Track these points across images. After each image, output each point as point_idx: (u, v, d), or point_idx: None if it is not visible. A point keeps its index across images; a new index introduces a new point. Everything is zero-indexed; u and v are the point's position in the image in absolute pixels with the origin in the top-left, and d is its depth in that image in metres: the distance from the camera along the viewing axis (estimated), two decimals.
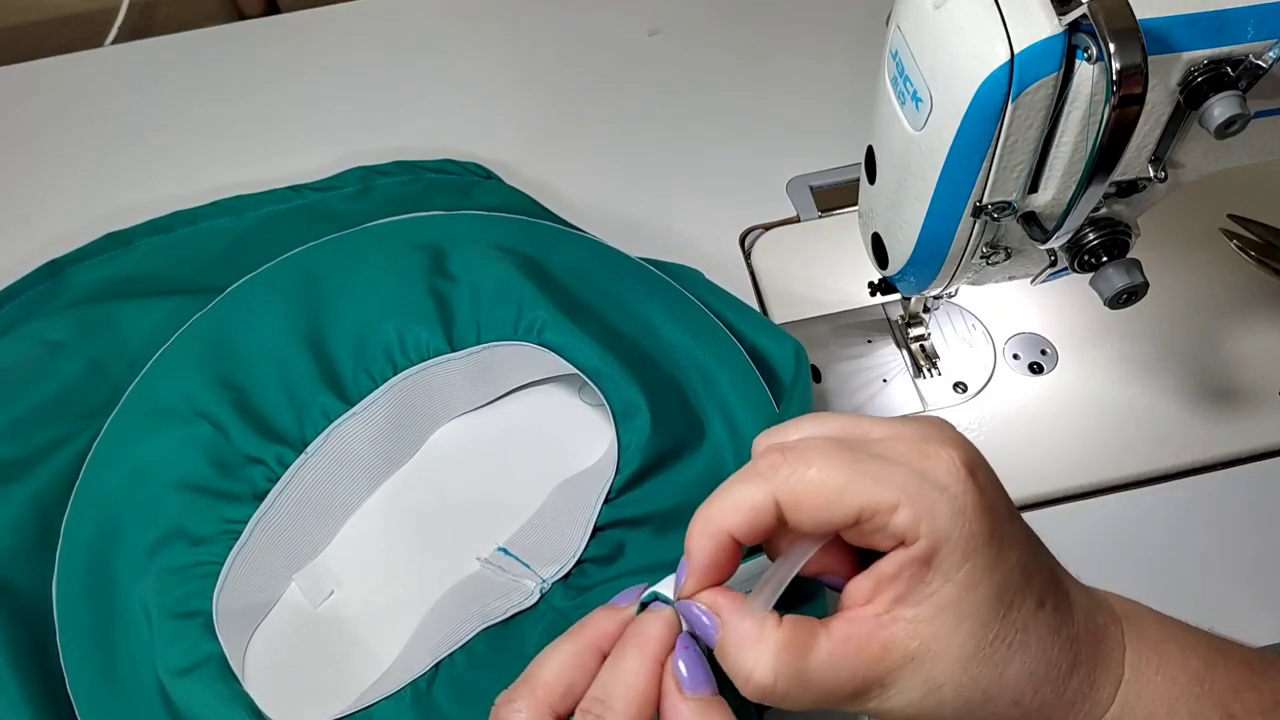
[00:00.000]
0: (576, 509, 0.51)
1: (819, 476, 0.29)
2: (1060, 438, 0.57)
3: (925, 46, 0.40)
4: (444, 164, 0.68)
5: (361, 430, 0.54)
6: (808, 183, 0.68)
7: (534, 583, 0.49)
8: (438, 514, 0.55)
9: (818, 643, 0.30)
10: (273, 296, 0.57)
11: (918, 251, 0.47)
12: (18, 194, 0.72)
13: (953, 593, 0.29)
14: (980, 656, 0.30)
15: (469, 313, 0.56)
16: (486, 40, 0.79)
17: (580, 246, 0.60)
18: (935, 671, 0.30)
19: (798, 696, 0.30)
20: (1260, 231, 0.64)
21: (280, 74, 0.77)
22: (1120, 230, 0.45)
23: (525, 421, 0.58)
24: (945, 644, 0.30)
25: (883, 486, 0.29)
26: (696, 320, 0.56)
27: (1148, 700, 0.32)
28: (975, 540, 0.29)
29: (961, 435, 0.32)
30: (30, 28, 0.85)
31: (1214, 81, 0.39)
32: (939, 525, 0.29)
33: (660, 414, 0.51)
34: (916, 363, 0.60)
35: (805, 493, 0.30)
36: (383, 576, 0.53)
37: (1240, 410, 0.57)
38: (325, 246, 0.60)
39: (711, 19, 0.79)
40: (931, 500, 0.29)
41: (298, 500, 0.53)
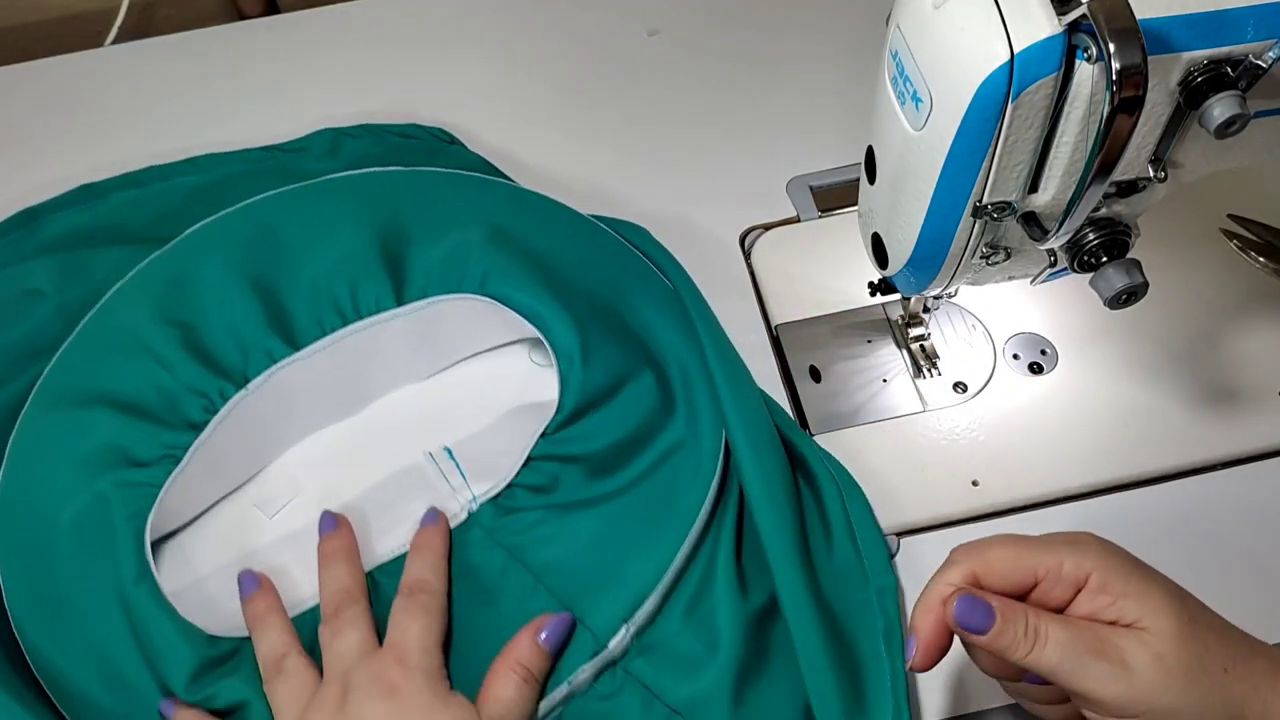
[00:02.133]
0: (517, 435, 0.54)
1: (1000, 552, 0.40)
2: (1060, 438, 0.57)
3: (925, 46, 0.40)
4: (410, 128, 0.70)
5: (303, 375, 0.55)
6: (808, 183, 0.68)
7: (466, 498, 0.53)
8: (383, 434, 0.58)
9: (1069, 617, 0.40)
10: (228, 241, 0.58)
11: (918, 251, 0.47)
12: (17, 194, 0.72)
13: (1134, 602, 0.38)
14: (1183, 634, 0.38)
15: (421, 274, 0.57)
16: (486, 40, 0.79)
17: (531, 201, 0.62)
18: (1156, 645, 0.38)
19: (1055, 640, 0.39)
20: (1260, 231, 0.64)
21: (280, 74, 0.77)
22: (1120, 230, 0.45)
23: (476, 384, 0.60)
24: (1154, 627, 0.38)
25: (1047, 553, 0.39)
26: (635, 268, 0.60)
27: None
28: (1126, 567, 0.39)
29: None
30: (30, 28, 0.85)
31: (1214, 81, 0.39)
32: (1094, 564, 0.39)
33: (598, 354, 0.54)
34: (916, 363, 0.60)
35: (994, 562, 0.40)
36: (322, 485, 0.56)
37: (1240, 410, 0.57)
38: (285, 196, 0.61)
39: (711, 19, 0.79)
40: (1080, 552, 0.39)
41: (237, 433, 0.54)
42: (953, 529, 0.55)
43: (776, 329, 0.62)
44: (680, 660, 0.48)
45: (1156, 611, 0.38)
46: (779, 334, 0.62)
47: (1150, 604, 0.38)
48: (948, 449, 0.57)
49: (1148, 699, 0.37)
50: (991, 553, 0.40)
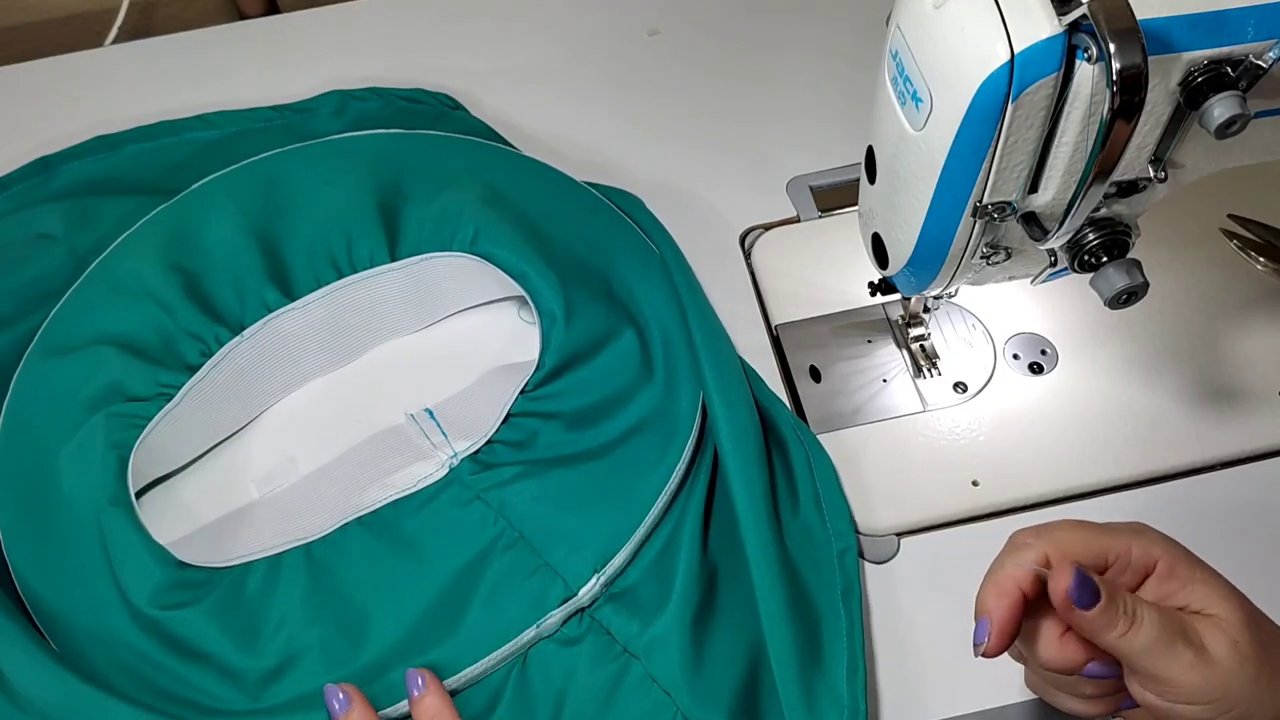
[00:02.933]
0: (499, 393, 0.56)
1: (1071, 535, 0.40)
2: (1060, 438, 0.57)
3: (925, 46, 0.40)
4: (416, 93, 0.72)
5: (296, 324, 0.58)
6: (808, 183, 0.68)
7: (446, 454, 0.55)
8: (371, 388, 0.60)
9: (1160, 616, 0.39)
10: (233, 195, 0.61)
11: (918, 251, 0.47)
12: None
13: (1203, 588, 0.39)
14: (1252, 620, 0.39)
15: (414, 232, 0.59)
16: (485, 41, 0.79)
17: (526, 166, 0.65)
18: (1231, 631, 0.38)
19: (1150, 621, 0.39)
20: (1260, 231, 0.64)
21: (280, 74, 0.77)
22: (1120, 230, 0.45)
23: (465, 338, 0.62)
24: (1224, 614, 0.39)
25: (1115, 538, 0.40)
26: (623, 233, 0.62)
27: None
28: (1190, 557, 0.40)
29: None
30: (30, 28, 0.85)
31: (1214, 81, 0.39)
32: (1160, 551, 0.40)
33: (580, 314, 0.56)
34: (916, 363, 0.60)
35: (1065, 545, 0.40)
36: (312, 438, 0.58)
37: (1240, 410, 0.57)
38: (290, 154, 0.63)
39: (711, 19, 0.79)
40: (1149, 540, 0.40)
41: (229, 376, 0.57)
42: (953, 529, 0.55)
43: (776, 329, 0.62)
44: (640, 607, 0.50)
45: (1224, 598, 0.39)
46: (779, 334, 0.62)
47: (1218, 591, 0.39)
48: (948, 449, 0.57)
49: (1224, 683, 0.38)
50: (1062, 534, 0.40)
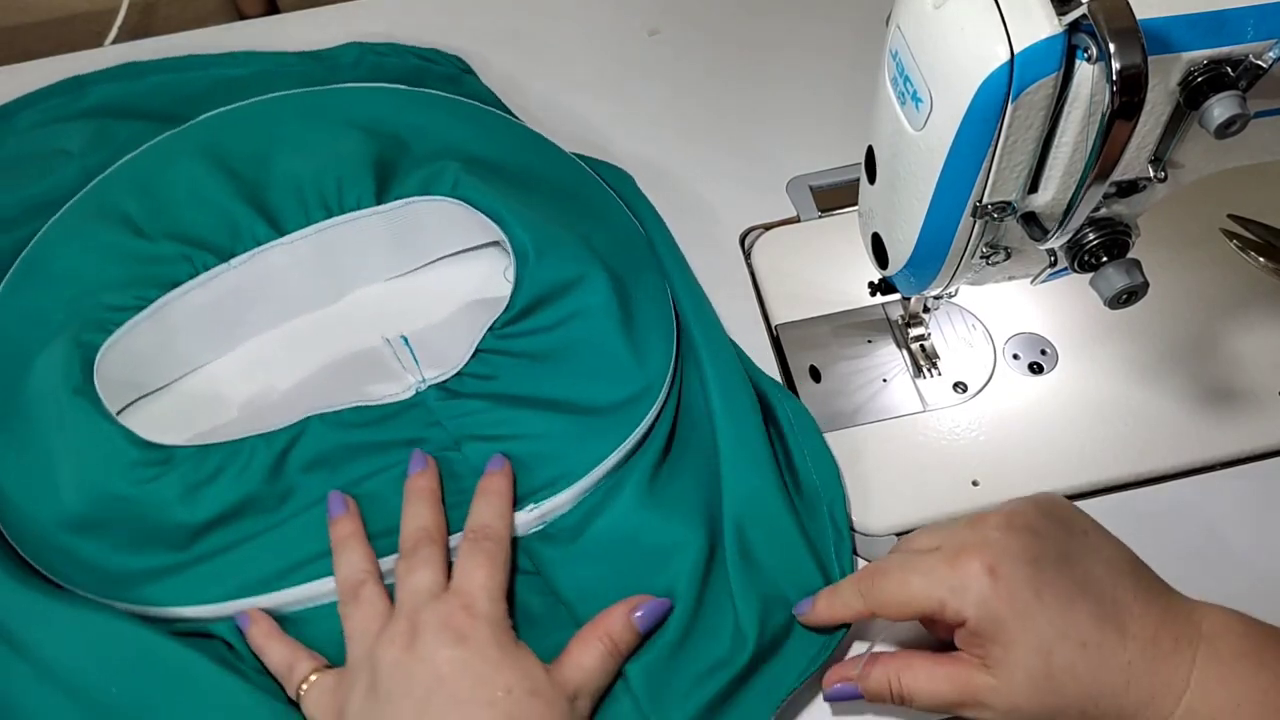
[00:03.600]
0: (474, 330, 0.56)
1: (890, 596, 0.44)
2: (1060, 438, 0.57)
3: (925, 46, 0.40)
4: (430, 52, 0.73)
5: (283, 259, 0.59)
6: (808, 183, 0.68)
7: (415, 380, 0.56)
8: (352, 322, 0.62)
9: (936, 664, 0.44)
10: (233, 132, 0.62)
11: (918, 251, 0.47)
12: None
13: (1000, 651, 0.42)
14: (1036, 689, 0.41)
15: (402, 183, 0.60)
16: (485, 41, 0.79)
17: (521, 134, 0.67)
18: (1011, 698, 0.42)
19: (919, 697, 0.44)
20: (1260, 231, 0.64)
21: None
22: (1120, 230, 0.45)
23: (446, 281, 0.64)
24: (1009, 680, 0.42)
25: (929, 599, 0.43)
26: (604, 203, 0.64)
27: (1209, 707, 0.40)
28: (999, 619, 0.41)
29: (1001, 534, 0.43)
30: (30, 28, 0.85)
31: (1214, 81, 0.39)
32: (969, 613, 0.42)
33: (551, 254, 0.57)
34: (916, 363, 0.60)
35: (885, 606, 0.45)
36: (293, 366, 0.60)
37: (1240, 410, 0.57)
38: (296, 98, 0.65)
39: (711, 18, 0.79)
40: (961, 599, 0.42)
41: (211, 300, 0.58)
42: None
43: (776, 329, 0.62)
44: (567, 552, 0.51)
45: (1015, 666, 0.41)
46: (779, 334, 0.62)
47: (1012, 659, 0.41)
48: (948, 449, 0.57)
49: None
50: (883, 595, 0.45)
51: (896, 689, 0.44)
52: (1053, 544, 0.43)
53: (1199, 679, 0.41)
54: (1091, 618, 0.41)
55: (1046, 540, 0.43)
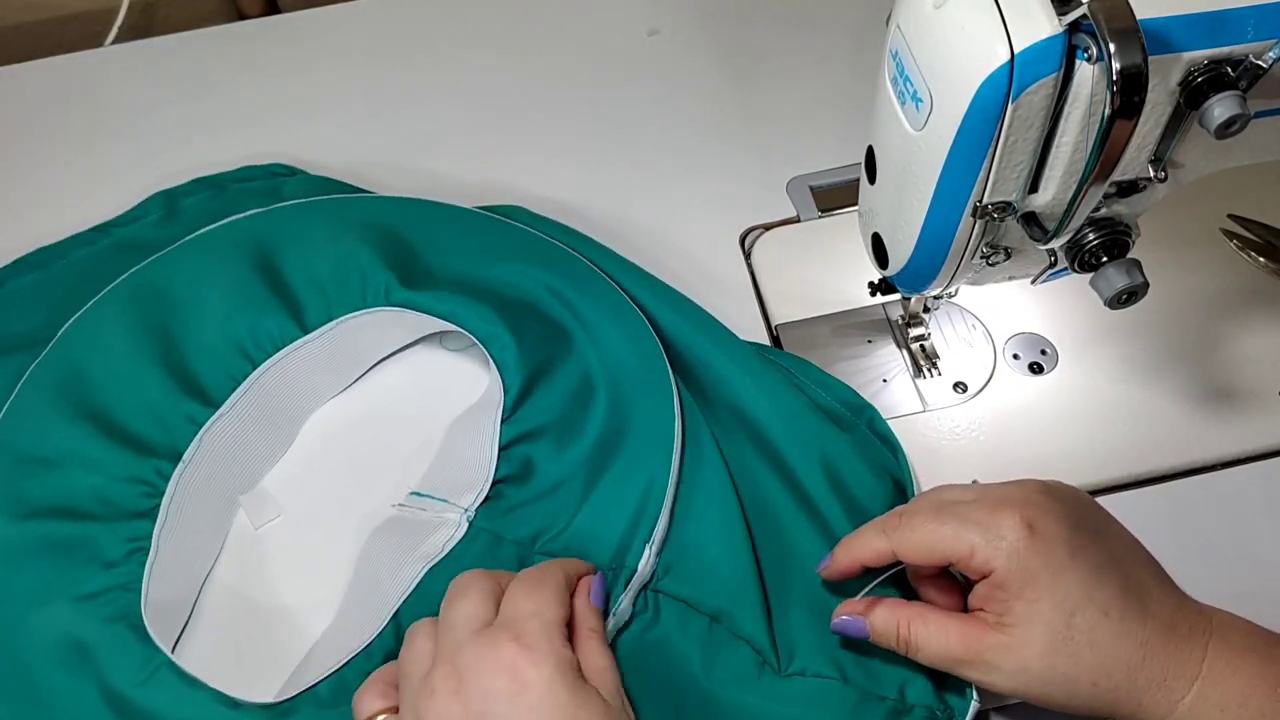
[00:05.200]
0: (477, 436, 0.54)
1: (919, 539, 0.43)
2: (1060, 438, 0.57)
3: (925, 46, 0.40)
4: (244, 171, 0.69)
5: (232, 429, 0.55)
6: (808, 183, 0.68)
7: (456, 515, 0.52)
8: (338, 483, 0.57)
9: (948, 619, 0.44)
10: (112, 323, 0.56)
11: (918, 251, 0.47)
12: (17, 194, 0.72)
13: (1023, 607, 0.41)
14: (1055, 650, 0.41)
15: (316, 296, 0.57)
16: (486, 39, 0.79)
17: (401, 206, 0.62)
18: (1023, 657, 0.41)
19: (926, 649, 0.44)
20: (1260, 231, 0.64)
21: (280, 74, 0.77)
22: (1120, 230, 0.45)
23: (396, 387, 0.60)
24: (1025, 639, 0.41)
25: (959, 542, 0.42)
26: (528, 242, 0.60)
27: (1220, 694, 0.40)
28: (1030, 572, 0.41)
29: (1039, 495, 0.43)
30: (30, 28, 0.85)
31: (1214, 81, 0.39)
32: (999, 563, 0.41)
33: (521, 330, 0.54)
34: (916, 363, 0.60)
35: (910, 547, 0.44)
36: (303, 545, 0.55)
37: (1240, 410, 0.57)
38: (153, 265, 0.59)
39: (711, 19, 0.79)
40: (994, 548, 0.41)
41: (189, 508, 0.53)
42: None
43: (776, 329, 0.62)
44: (703, 567, 0.49)
45: (1035, 623, 0.41)
46: (779, 334, 0.62)
47: (1033, 615, 0.41)
48: (948, 449, 0.57)
49: (1010, 692, 0.43)
50: (911, 538, 0.44)
51: (904, 635, 0.44)
52: (1088, 516, 0.44)
53: (1211, 666, 0.41)
54: (1118, 589, 0.42)
55: (1082, 511, 0.44)
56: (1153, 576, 0.44)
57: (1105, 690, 0.41)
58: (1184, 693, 0.41)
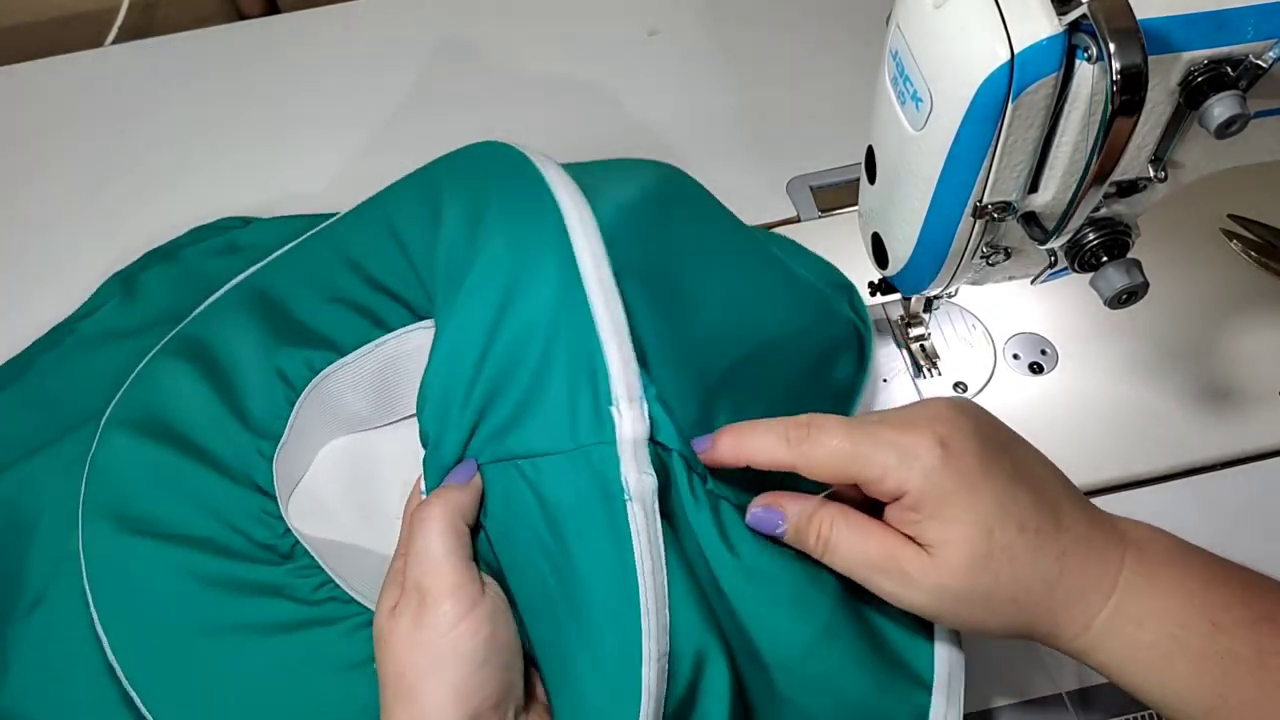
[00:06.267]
0: None
1: (827, 455, 0.40)
2: (1060, 438, 0.57)
3: (925, 46, 0.40)
4: (195, 233, 0.67)
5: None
6: (808, 183, 0.68)
7: None
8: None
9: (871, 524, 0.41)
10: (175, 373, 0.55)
11: (918, 251, 0.47)
12: (17, 194, 0.72)
13: (938, 527, 0.39)
14: (973, 567, 0.39)
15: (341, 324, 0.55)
16: (486, 39, 0.79)
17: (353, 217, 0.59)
18: (941, 575, 0.39)
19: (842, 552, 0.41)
20: (1260, 231, 0.64)
21: (280, 74, 0.77)
22: (1120, 230, 0.45)
23: None
24: (944, 559, 0.39)
25: (870, 463, 0.40)
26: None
27: (1137, 607, 0.39)
28: (945, 492, 0.39)
29: (949, 412, 0.41)
30: (30, 28, 0.85)
31: (1214, 81, 0.39)
32: (913, 485, 0.39)
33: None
34: (916, 363, 0.60)
35: (815, 464, 0.40)
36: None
37: (1240, 410, 0.57)
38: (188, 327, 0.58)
39: (711, 19, 0.79)
40: (908, 468, 0.39)
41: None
42: None
43: None
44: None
45: (953, 543, 0.39)
46: None
47: (951, 534, 0.39)
48: None
49: (925, 611, 0.40)
50: (817, 454, 0.40)
51: (823, 535, 0.41)
52: (995, 430, 0.42)
53: (1127, 580, 0.40)
54: (1032, 503, 0.40)
55: (990, 425, 0.42)
56: (1063, 489, 0.42)
57: (1024, 606, 0.39)
58: (1100, 607, 0.39)
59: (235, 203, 0.70)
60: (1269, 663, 0.38)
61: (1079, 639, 0.40)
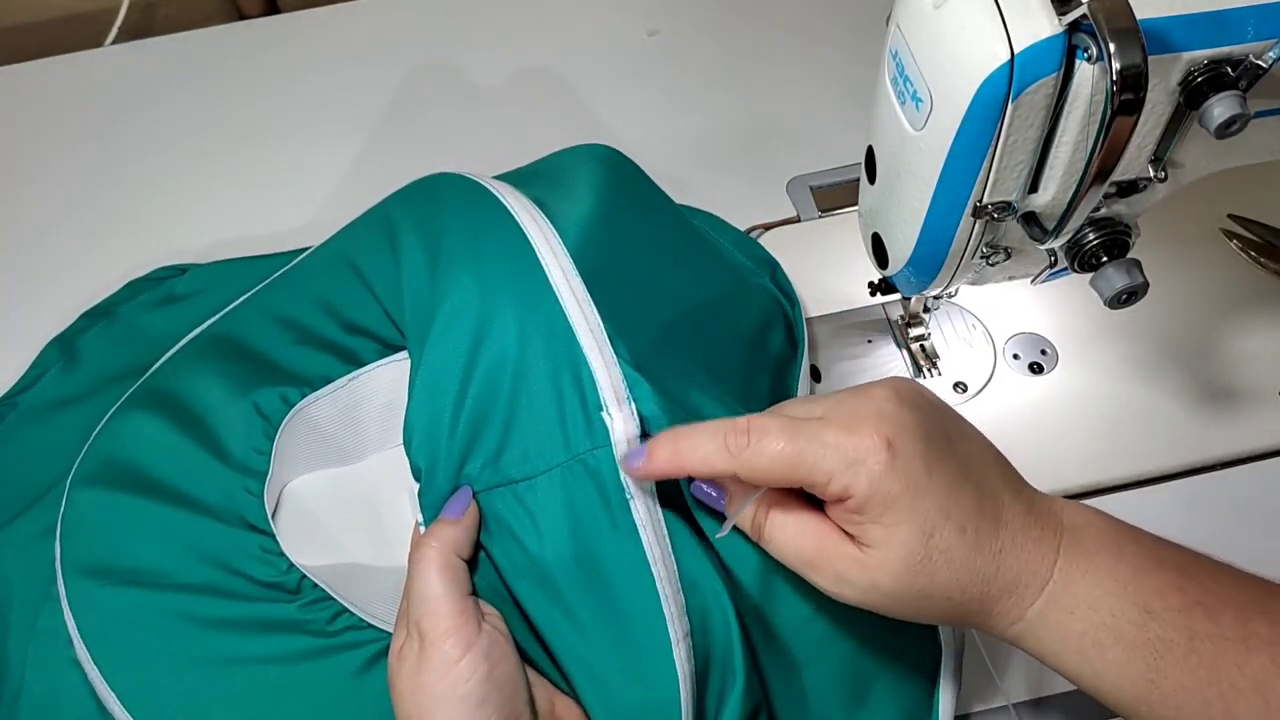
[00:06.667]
0: None
1: (769, 462, 0.39)
2: (1060, 438, 0.57)
3: (925, 46, 0.40)
4: (130, 289, 0.66)
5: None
6: (808, 183, 0.68)
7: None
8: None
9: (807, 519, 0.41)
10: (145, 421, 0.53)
11: (918, 251, 0.47)
12: (17, 194, 0.72)
13: (880, 531, 0.39)
14: (910, 570, 0.38)
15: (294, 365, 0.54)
16: (486, 39, 0.79)
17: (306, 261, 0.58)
18: (876, 576, 0.39)
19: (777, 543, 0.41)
20: (1260, 231, 0.64)
21: (280, 74, 0.77)
22: (1120, 230, 0.45)
23: None
24: (881, 560, 0.39)
25: (815, 469, 0.38)
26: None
27: (1070, 596, 0.39)
28: (890, 496, 0.38)
29: (893, 406, 0.39)
30: (30, 28, 0.85)
31: (1214, 81, 0.39)
32: (859, 491, 0.38)
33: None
34: (916, 363, 0.60)
35: (758, 473, 0.39)
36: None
37: (1240, 410, 0.57)
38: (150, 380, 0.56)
39: (711, 19, 0.79)
40: (854, 474, 0.38)
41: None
42: None
43: None
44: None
45: (893, 546, 0.38)
46: None
47: (891, 539, 0.38)
48: None
49: (859, 604, 0.40)
50: (763, 461, 0.39)
51: (760, 520, 0.41)
52: (938, 421, 0.41)
53: (1062, 569, 0.40)
54: (973, 502, 0.39)
55: (933, 417, 0.41)
56: (1003, 479, 0.41)
57: (958, 603, 0.39)
58: (1034, 598, 0.39)
59: (235, 202, 0.70)
60: (1200, 648, 0.38)
61: (1013, 627, 0.40)
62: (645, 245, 0.52)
